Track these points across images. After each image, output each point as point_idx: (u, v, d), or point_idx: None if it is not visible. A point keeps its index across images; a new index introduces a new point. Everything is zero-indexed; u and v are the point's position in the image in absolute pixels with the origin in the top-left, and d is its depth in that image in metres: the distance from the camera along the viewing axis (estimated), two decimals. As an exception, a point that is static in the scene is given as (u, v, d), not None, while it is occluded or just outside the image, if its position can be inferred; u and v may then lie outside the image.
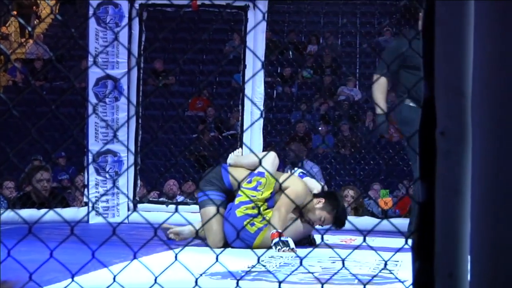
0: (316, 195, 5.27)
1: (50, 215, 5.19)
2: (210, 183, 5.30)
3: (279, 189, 5.14)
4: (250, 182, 5.22)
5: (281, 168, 8.97)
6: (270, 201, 5.21)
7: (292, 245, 4.88)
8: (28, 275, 2.19)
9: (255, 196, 5.14)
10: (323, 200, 5.23)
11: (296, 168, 5.33)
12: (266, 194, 5.18)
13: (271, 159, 5.29)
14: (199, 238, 5.32)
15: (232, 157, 5.51)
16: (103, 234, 4.11)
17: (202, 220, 5.30)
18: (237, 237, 5.01)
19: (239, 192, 5.19)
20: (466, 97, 1.73)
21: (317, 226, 5.35)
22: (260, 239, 5.08)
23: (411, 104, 5.64)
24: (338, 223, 5.24)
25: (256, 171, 5.22)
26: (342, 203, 5.32)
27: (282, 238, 4.88)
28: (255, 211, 5.10)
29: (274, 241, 4.90)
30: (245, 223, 5.05)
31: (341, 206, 5.26)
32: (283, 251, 4.83)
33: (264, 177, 5.17)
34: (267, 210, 5.16)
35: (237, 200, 5.16)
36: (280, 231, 4.92)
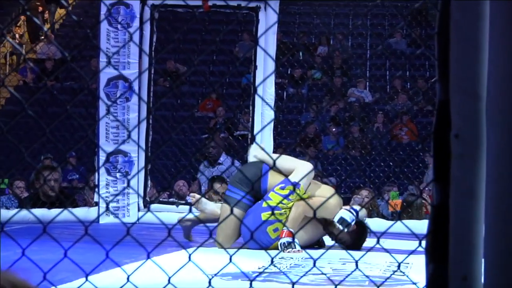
0: None
1: (60, 214, 5.19)
2: (245, 184, 5.22)
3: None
4: (283, 188, 5.17)
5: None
6: None
7: (298, 246, 4.94)
8: (42, 275, 2.19)
9: (284, 204, 5.12)
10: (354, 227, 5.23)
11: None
12: None
13: (307, 171, 5.19)
14: (214, 220, 5.31)
15: (260, 153, 5.35)
16: (114, 234, 4.12)
17: (221, 214, 5.27)
18: (250, 238, 5.01)
19: (269, 195, 5.16)
20: (481, 99, 1.72)
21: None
22: (277, 244, 5.07)
23: None
24: (354, 247, 5.23)
25: (292, 180, 5.15)
26: (366, 234, 5.31)
27: (289, 240, 4.92)
28: (281, 217, 5.08)
29: (281, 241, 4.95)
30: (269, 228, 5.06)
31: (364, 236, 5.29)
32: (288, 252, 4.87)
33: (299, 188, 5.13)
34: None
35: (265, 203, 5.12)
36: (292, 231, 4.96)
